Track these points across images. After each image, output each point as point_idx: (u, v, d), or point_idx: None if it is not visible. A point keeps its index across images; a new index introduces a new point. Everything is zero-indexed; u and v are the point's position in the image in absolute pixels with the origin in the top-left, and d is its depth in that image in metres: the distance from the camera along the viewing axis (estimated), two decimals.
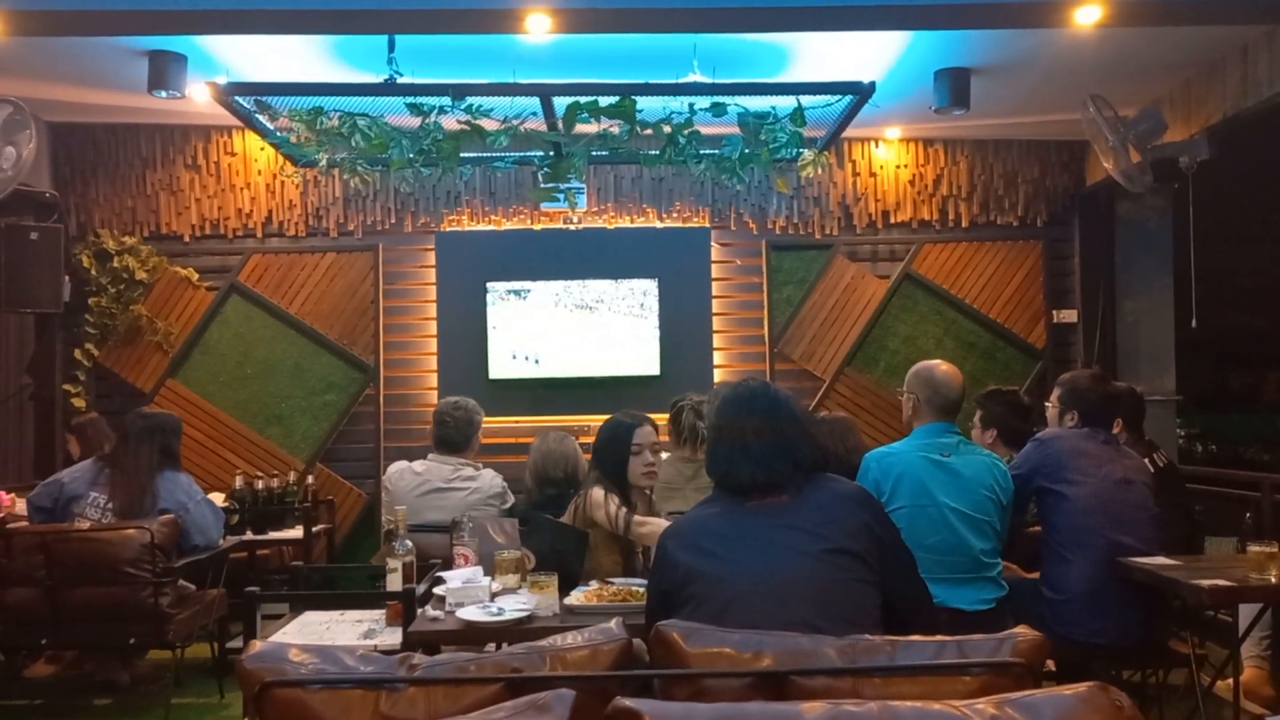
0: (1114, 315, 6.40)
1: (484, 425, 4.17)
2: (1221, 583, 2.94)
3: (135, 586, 3.83)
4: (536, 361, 6.08)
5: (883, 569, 2.06)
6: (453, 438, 4.04)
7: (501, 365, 6.08)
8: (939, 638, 1.73)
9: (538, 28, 3.91)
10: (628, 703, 1.34)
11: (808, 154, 4.79)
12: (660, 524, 2.97)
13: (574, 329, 6.11)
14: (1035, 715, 1.34)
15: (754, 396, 2.24)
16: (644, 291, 6.12)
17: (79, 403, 5.97)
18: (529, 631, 2.49)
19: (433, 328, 6.24)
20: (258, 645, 1.73)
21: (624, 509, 3.11)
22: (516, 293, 6.12)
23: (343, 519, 6.12)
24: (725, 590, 1.99)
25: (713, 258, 6.31)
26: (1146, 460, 3.76)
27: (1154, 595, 3.25)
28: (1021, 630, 1.74)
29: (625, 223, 6.29)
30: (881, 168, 6.35)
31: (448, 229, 6.26)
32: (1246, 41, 4.70)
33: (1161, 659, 3.50)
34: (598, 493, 3.14)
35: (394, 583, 2.93)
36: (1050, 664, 3.10)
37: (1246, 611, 3.46)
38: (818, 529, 2.05)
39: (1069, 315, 6.38)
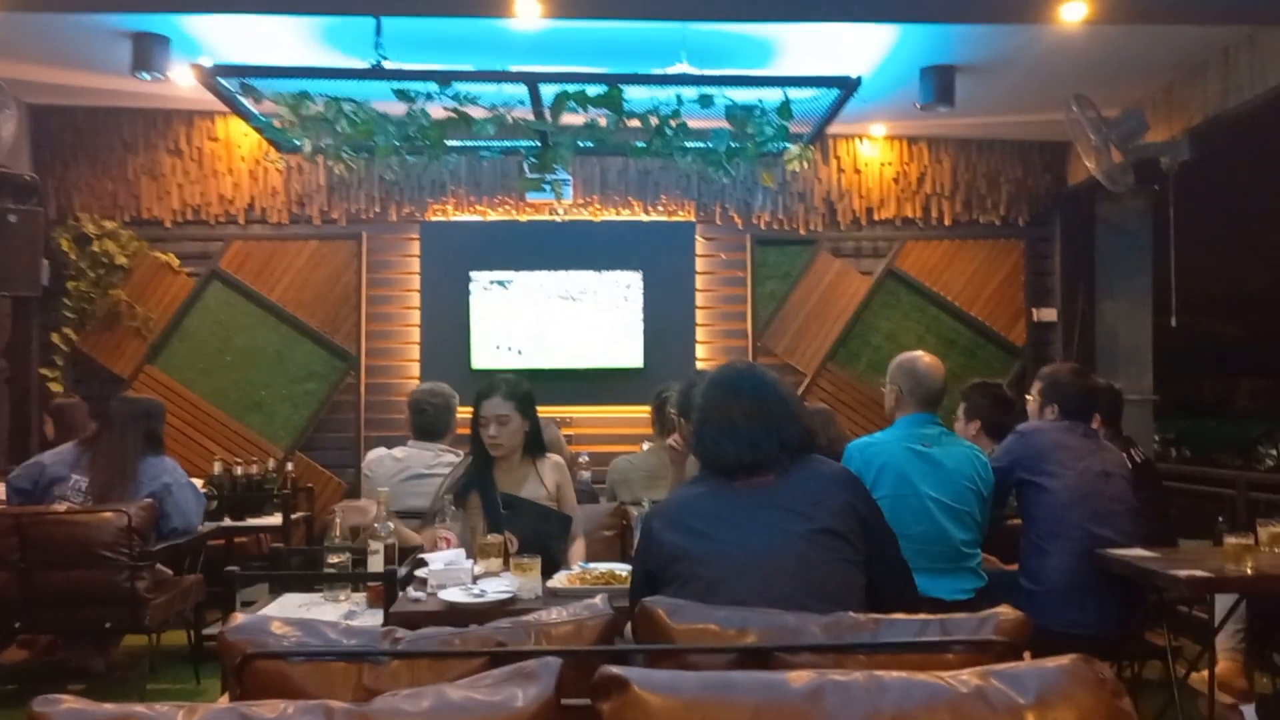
0: (1093, 315, 6.46)
1: (467, 415, 4.14)
2: (1199, 573, 2.96)
3: (111, 570, 3.78)
4: (519, 352, 6.06)
5: (867, 549, 2.07)
6: (433, 425, 4.03)
7: (484, 355, 6.05)
8: (922, 616, 1.74)
9: (528, 12, 3.90)
10: (615, 670, 1.33)
11: (793, 148, 4.80)
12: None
13: (557, 320, 6.09)
14: (1019, 686, 1.35)
15: (741, 378, 2.24)
16: (628, 284, 6.12)
17: (56, 387, 5.90)
18: (511, 613, 2.46)
19: (416, 317, 6.22)
20: (239, 617, 1.71)
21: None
22: (500, 283, 6.10)
23: (322, 507, 6.06)
24: (711, 570, 1.99)
25: (697, 251, 6.31)
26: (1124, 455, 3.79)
27: (1132, 588, 3.27)
28: (1004, 610, 1.75)
29: (610, 215, 6.28)
30: (866, 165, 6.38)
31: (432, 218, 6.23)
32: (1228, 44, 4.75)
33: (1138, 651, 3.53)
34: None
35: (375, 565, 2.91)
36: (1026, 655, 3.11)
37: (1221, 605, 3.49)
38: (804, 509, 2.05)
39: (1049, 314, 6.44)
